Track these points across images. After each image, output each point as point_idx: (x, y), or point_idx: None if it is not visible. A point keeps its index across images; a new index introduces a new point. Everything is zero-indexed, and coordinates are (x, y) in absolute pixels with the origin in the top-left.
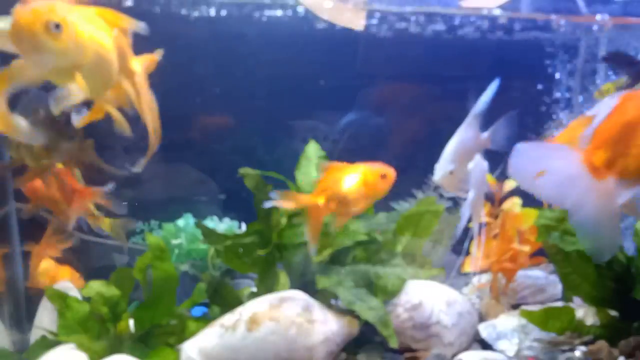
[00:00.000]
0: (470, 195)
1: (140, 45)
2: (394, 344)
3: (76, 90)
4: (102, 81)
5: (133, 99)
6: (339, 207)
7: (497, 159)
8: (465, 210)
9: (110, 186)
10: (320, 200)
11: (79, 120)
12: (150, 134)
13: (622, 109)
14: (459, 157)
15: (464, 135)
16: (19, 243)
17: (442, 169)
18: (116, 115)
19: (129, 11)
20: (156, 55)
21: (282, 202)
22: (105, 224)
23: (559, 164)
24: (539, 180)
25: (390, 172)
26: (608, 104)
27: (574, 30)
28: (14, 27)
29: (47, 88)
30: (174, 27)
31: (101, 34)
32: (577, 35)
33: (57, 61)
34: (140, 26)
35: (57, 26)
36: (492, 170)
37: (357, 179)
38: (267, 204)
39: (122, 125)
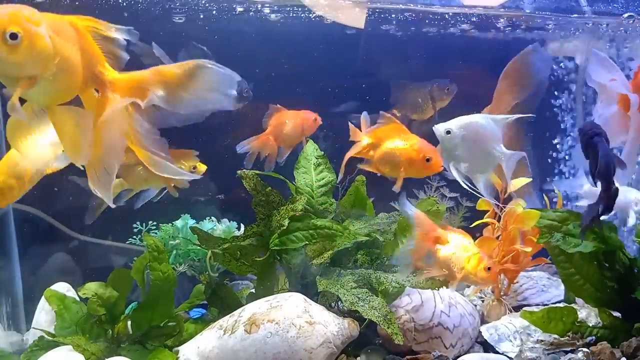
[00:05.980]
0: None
1: None
2: (399, 340)
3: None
4: (60, 90)
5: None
6: None
7: None
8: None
9: None
10: None
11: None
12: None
13: None
14: None
15: None
16: (16, 243)
17: None
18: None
19: None
20: None
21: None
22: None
23: None
24: None
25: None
26: None
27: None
28: None
29: None
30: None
31: (65, 43)
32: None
33: (11, 71)
34: (127, 32)
35: (15, 36)
36: None
37: None
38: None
39: None
